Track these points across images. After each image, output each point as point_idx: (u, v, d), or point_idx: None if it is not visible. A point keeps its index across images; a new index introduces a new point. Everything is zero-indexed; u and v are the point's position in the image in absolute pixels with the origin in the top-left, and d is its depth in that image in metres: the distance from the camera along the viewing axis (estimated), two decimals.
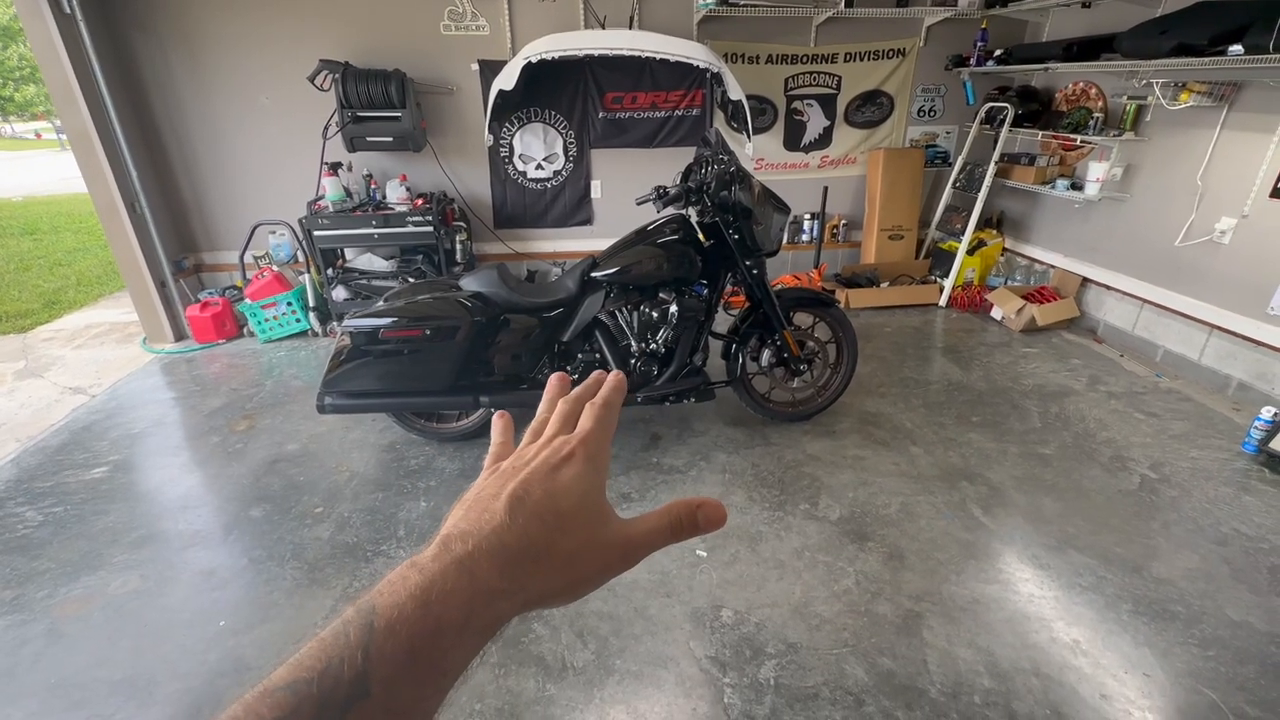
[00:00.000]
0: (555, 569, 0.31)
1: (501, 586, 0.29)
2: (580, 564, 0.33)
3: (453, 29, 4.03)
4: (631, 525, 0.35)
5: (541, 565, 0.31)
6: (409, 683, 0.26)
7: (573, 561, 0.32)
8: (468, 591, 0.28)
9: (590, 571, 0.33)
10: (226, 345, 4.10)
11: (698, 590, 2.06)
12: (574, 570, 0.32)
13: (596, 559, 0.33)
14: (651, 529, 0.35)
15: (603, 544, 0.34)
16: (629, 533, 0.35)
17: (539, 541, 0.31)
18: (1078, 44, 3.57)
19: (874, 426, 3.02)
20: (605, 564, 0.33)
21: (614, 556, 0.34)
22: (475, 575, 0.29)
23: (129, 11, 3.72)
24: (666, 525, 0.35)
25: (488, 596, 0.29)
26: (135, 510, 2.50)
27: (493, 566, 0.29)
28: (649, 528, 0.35)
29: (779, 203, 2.64)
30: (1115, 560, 2.15)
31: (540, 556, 0.31)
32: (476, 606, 0.28)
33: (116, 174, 3.69)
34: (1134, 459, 2.72)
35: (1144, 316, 3.70)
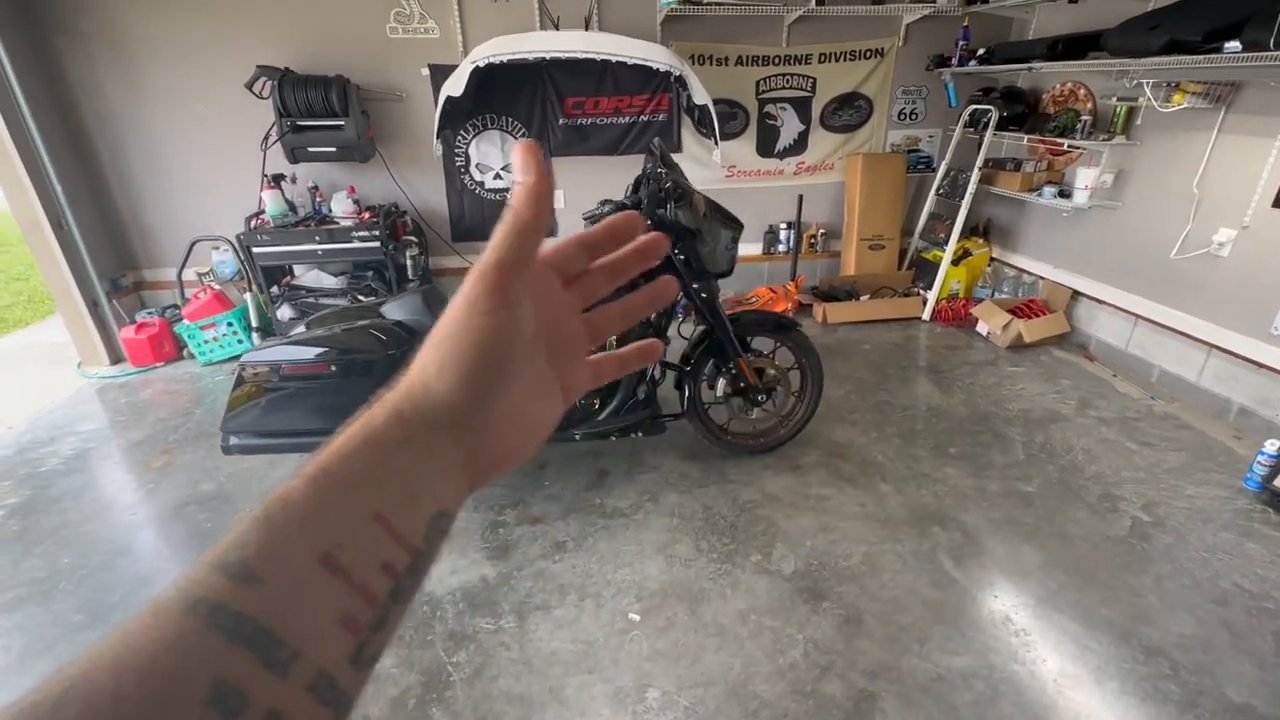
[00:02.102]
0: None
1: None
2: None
3: (400, 32, 3.80)
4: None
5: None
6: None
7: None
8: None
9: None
10: (164, 369, 3.87)
11: (624, 664, 1.82)
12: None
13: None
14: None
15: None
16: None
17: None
18: (1063, 42, 3.33)
19: (842, 460, 2.77)
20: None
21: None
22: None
23: (50, 13, 3.50)
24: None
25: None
26: (18, 565, 2.26)
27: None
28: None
29: (728, 219, 2.40)
30: (1101, 624, 1.90)
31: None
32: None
33: (38, 189, 3.46)
34: (1125, 498, 2.47)
35: (1138, 333, 3.45)
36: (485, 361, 0.28)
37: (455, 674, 1.79)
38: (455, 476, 0.29)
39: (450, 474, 0.28)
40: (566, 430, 2.48)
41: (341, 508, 0.24)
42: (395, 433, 0.27)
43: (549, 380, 0.32)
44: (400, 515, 0.25)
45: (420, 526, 0.26)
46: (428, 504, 0.27)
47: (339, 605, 0.23)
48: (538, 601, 2.04)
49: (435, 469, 0.28)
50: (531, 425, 0.32)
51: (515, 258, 0.28)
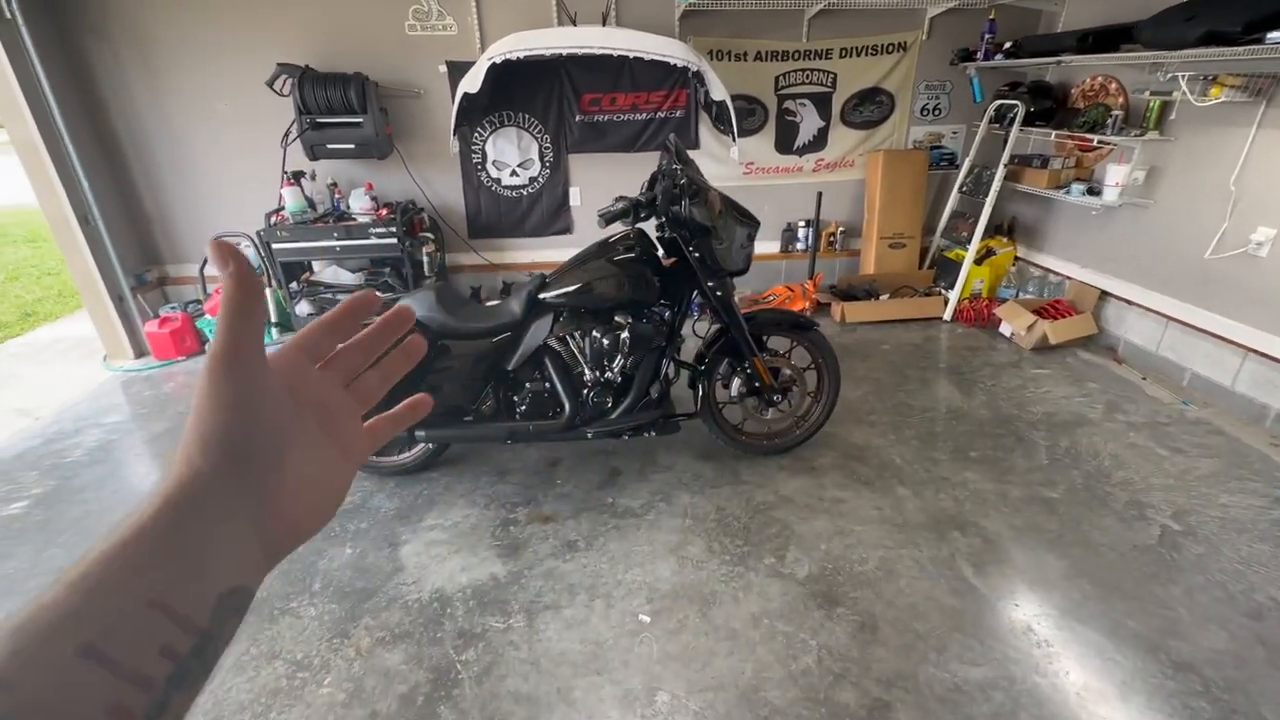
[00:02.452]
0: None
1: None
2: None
3: (418, 29, 3.81)
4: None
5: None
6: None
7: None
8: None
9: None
10: (186, 362, 3.93)
11: (634, 666, 1.79)
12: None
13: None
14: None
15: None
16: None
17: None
18: (1094, 34, 3.22)
19: (859, 462, 2.72)
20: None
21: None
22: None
23: (80, 16, 3.57)
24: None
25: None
26: (41, 554, 2.31)
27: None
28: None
29: (744, 216, 2.36)
30: (1128, 637, 1.84)
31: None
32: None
33: (66, 186, 3.53)
34: (1154, 505, 2.38)
35: (1169, 335, 3.33)
36: (241, 428, 0.30)
37: (464, 672, 1.78)
38: (247, 550, 0.29)
39: (239, 549, 0.29)
40: (580, 428, 2.46)
41: (108, 599, 0.23)
42: (168, 516, 0.27)
43: (326, 448, 0.34)
44: (181, 596, 0.25)
45: (207, 606, 0.26)
46: (215, 581, 0.27)
47: (105, 697, 0.22)
48: (547, 601, 2.02)
49: (220, 545, 0.28)
50: (321, 490, 0.34)
51: (236, 339, 0.30)
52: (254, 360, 0.31)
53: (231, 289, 0.31)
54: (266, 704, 1.72)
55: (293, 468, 0.32)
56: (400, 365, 0.40)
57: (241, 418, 0.30)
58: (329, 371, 0.37)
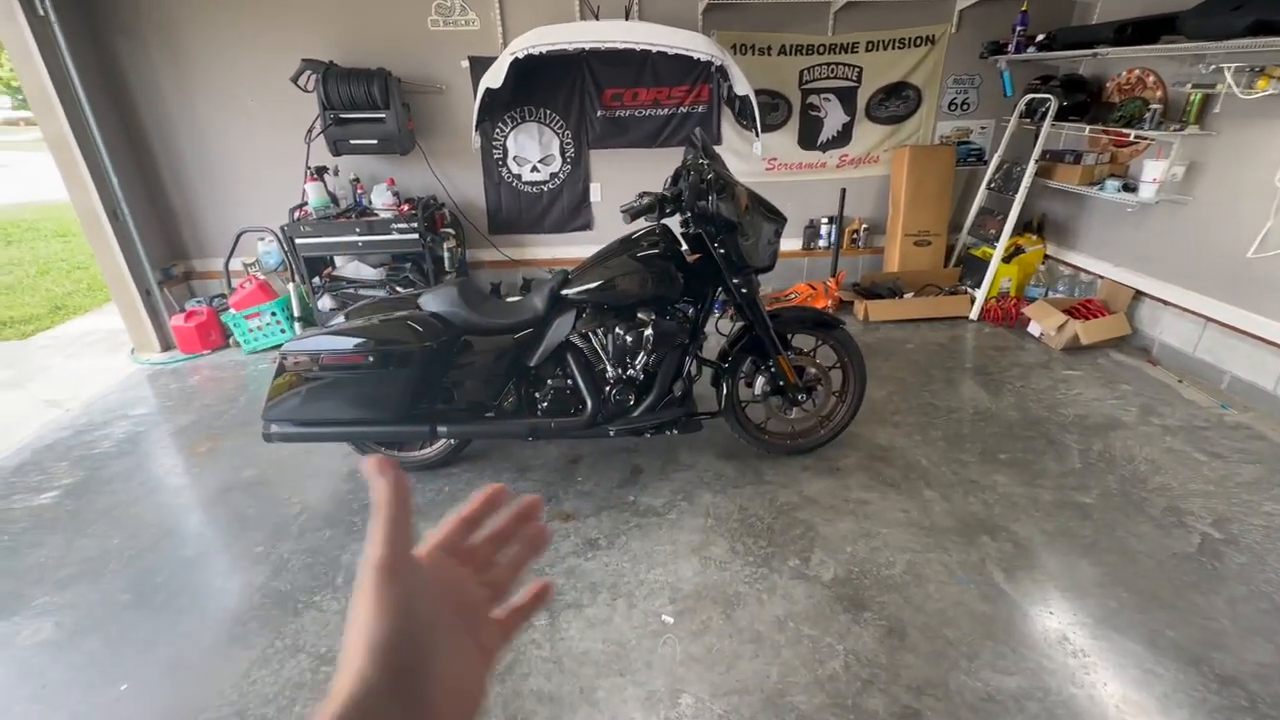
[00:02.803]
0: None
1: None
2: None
3: (441, 24, 3.81)
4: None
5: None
6: None
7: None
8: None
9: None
10: (211, 356, 3.98)
11: (657, 667, 1.77)
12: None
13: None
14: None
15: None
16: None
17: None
18: (1133, 25, 3.12)
19: (884, 463, 2.67)
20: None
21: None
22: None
23: (111, 14, 3.61)
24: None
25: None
26: (71, 544, 2.34)
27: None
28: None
29: (771, 212, 2.32)
30: (1167, 648, 1.78)
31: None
32: None
33: (96, 181, 3.58)
34: (1193, 512, 2.31)
35: (1208, 337, 3.23)
36: (405, 635, 0.30)
37: None
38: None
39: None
40: (602, 426, 2.44)
41: None
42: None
43: (469, 647, 0.35)
44: None
45: None
46: None
47: None
48: (569, 599, 2.01)
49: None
50: (466, 694, 0.33)
51: (394, 540, 0.32)
52: (411, 566, 0.32)
53: (387, 498, 0.32)
54: (291, 697, 1.72)
55: (444, 669, 0.32)
56: (528, 555, 0.41)
57: (406, 624, 0.31)
58: (465, 567, 0.37)
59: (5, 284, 6.03)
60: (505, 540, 0.40)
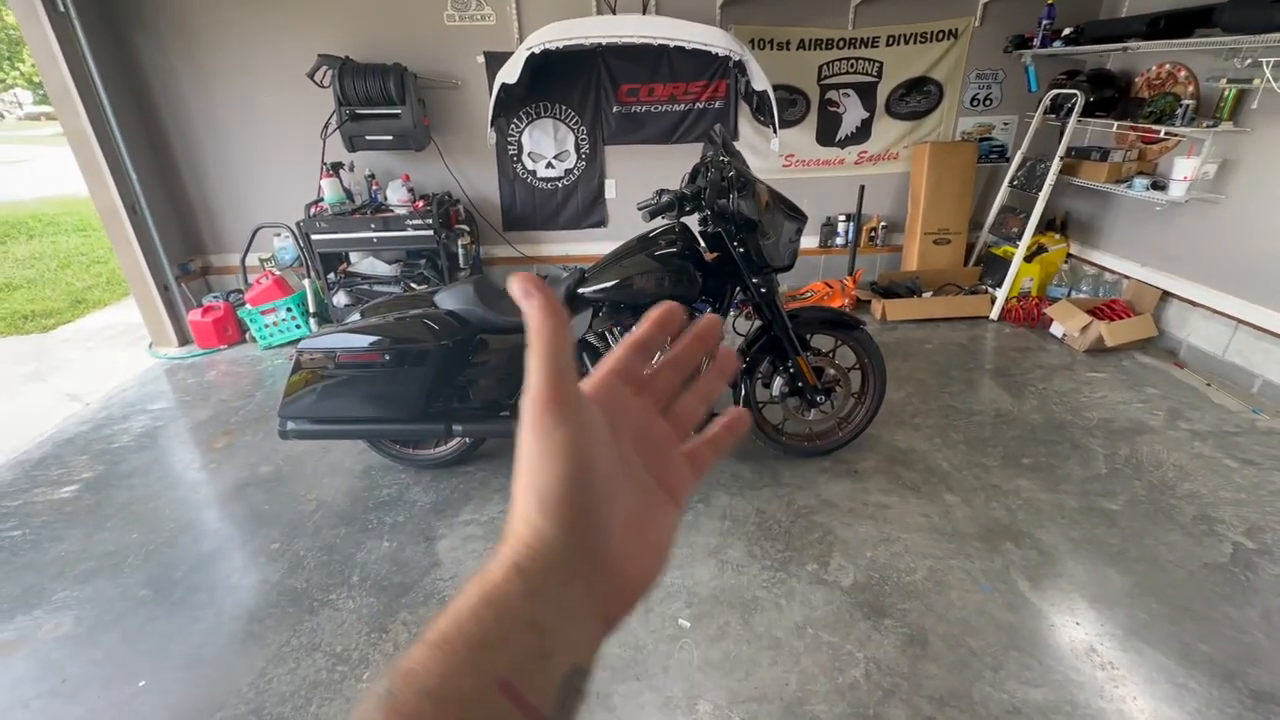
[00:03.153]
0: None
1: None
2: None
3: (456, 19, 3.79)
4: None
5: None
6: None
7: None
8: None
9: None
10: (228, 351, 4.01)
11: (674, 673, 1.75)
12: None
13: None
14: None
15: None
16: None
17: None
18: (1165, 18, 3.04)
19: (904, 466, 2.62)
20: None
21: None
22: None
23: (129, 9, 3.63)
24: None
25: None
26: (91, 538, 2.36)
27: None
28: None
29: (791, 210, 2.28)
30: (1199, 661, 1.73)
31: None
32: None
33: (115, 176, 3.61)
34: (1224, 521, 2.25)
35: (1239, 339, 3.15)
36: (578, 482, 0.27)
37: None
38: (589, 623, 0.27)
39: (583, 621, 0.27)
40: None
41: (465, 677, 0.23)
42: (516, 586, 0.25)
43: (653, 488, 0.31)
44: (529, 679, 0.24)
45: (552, 689, 0.24)
46: (560, 661, 0.25)
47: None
48: None
49: (566, 619, 0.26)
50: (653, 538, 0.30)
51: (555, 372, 0.27)
52: (577, 399, 0.28)
53: (540, 322, 0.27)
54: (307, 696, 1.72)
55: (624, 516, 0.29)
56: (717, 383, 0.36)
57: (577, 468, 0.27)
58: (645, 398, 0.33)
59: (27, 278, 6.11)
60: (686, 366, 0.35)
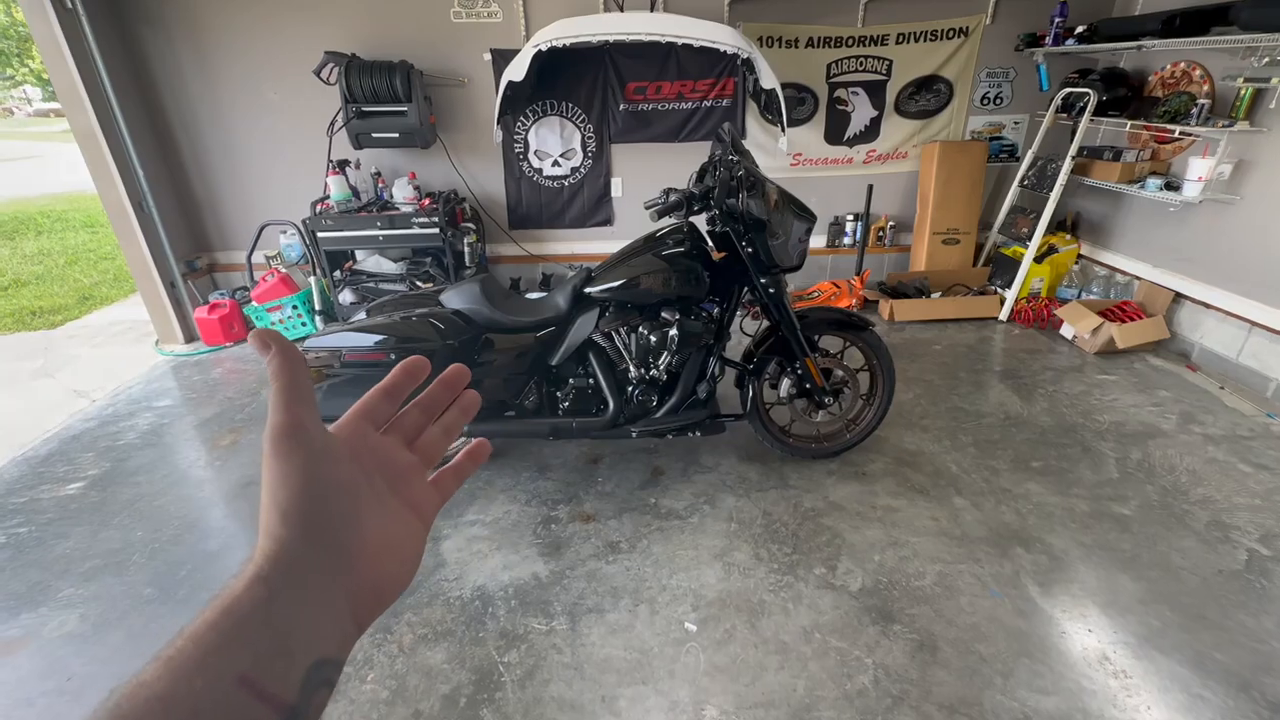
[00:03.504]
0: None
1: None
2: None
3: (463, 16, 3.77)
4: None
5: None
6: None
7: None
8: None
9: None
10: (233, 348, 4.00)
11: (680, 677, 1.73)
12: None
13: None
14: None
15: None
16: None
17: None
18: (1181, 16, 2.99)
19: (912, 469, 2.60)
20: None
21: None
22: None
23: (137, 6, 3.62)
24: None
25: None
26: (96, 535, 2.36)
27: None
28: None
29: (801, 210, 2.26)
30: (1215, 671, 1.70)
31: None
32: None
33: (122, 173, 3.61)
34: (1239, 527, 2.21)
35: (1253, 342, 3.10)
36: (313, 496, 0.31)
37: (506, 675, 1.75)
38: (337, 620, 0.30)
39: (329, 620, 0.29)
40: (623, 426, 2.40)
41: (199, 677, 0.24)
42: (258, 593, 0.27)
43: (398, 508, 0.35)
44: (269, 672, 0.26)
45: (295, 680, 0.26)
46: (304, 655, 0.27)
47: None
48: (590, 604, 1.98)
49: (310, 618, 0.28)
50: (399, 550, 0.34)
51: (293, 404, 0.32)
52: (314, 429, 0.32)
53: (279, 367, 0.32)
54: None
55: (369, 531, 0.33)
56: (460, 419, 0.41)
57: (314, 484, 0.31)
58: (390, 435, 0.38)
59: (35, 274, 6.14)
60: (432, 408, 0.40)
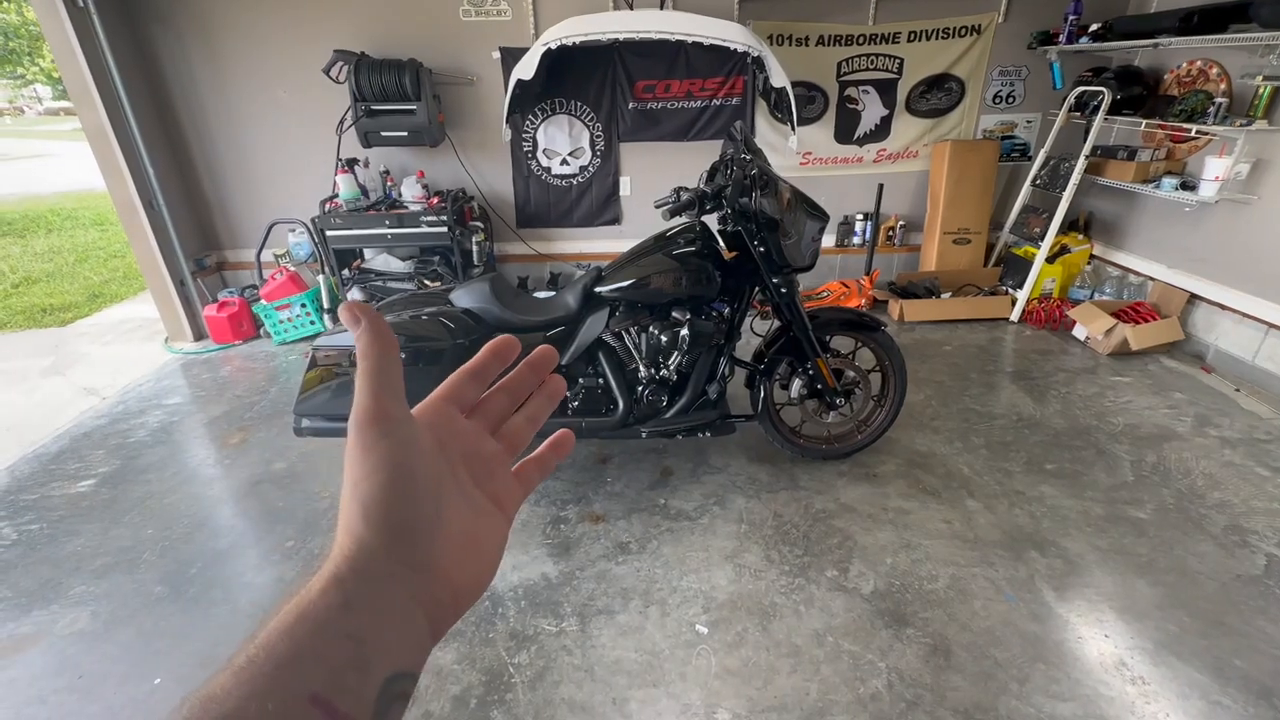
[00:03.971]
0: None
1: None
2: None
3: (473, 14, 3.76)
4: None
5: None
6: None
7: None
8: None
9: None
10: (242, 346, 4.01)
11: (691, 679, 1.72)
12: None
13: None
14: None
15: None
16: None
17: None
18: (1199, 14, 2.96)
19: (923, 471, 2.57)
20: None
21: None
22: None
23: (148, 4, 3.63)
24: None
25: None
26: (107, 533, 2.36)
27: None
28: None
29: (814, 209, 2.24)
30: (1235, 677, 1.67)
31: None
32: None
33: (133, 171, 3.62)
34: (1257, 531, 2.18)
35: (1269, 344, 3.07)
36: (399, 492, 0.29)
37: (517, 676, 1.74)
38: (414, 629, 0.28)
39: (407, 628, 0.27)
40: (633, 426, 2.39)
41: (270, 696, 0.22)
42: (334, 599, 0.25)
43: (482, 502, 0.33)
44: (343, 690, 0.24)
45: (370, 698, 0.25)
46: (380, 668, 0.25)
47: None
48: (600, 605, 1.97)
49: (388, 627, 0.27)
50: (481, 548, 0.32)
51: (379, 390, 0.30)
52: (402, 417, 0.30)
53: (368, 345, 0.30)
54: None
55: (452, 527, 0.31)
56: (545, 407, 0.39)
57: (400, 479, 0.29)
58: (476, 420, 0.36)
59: (46, 271, 6.17)
60: (518, 393, 0.38)
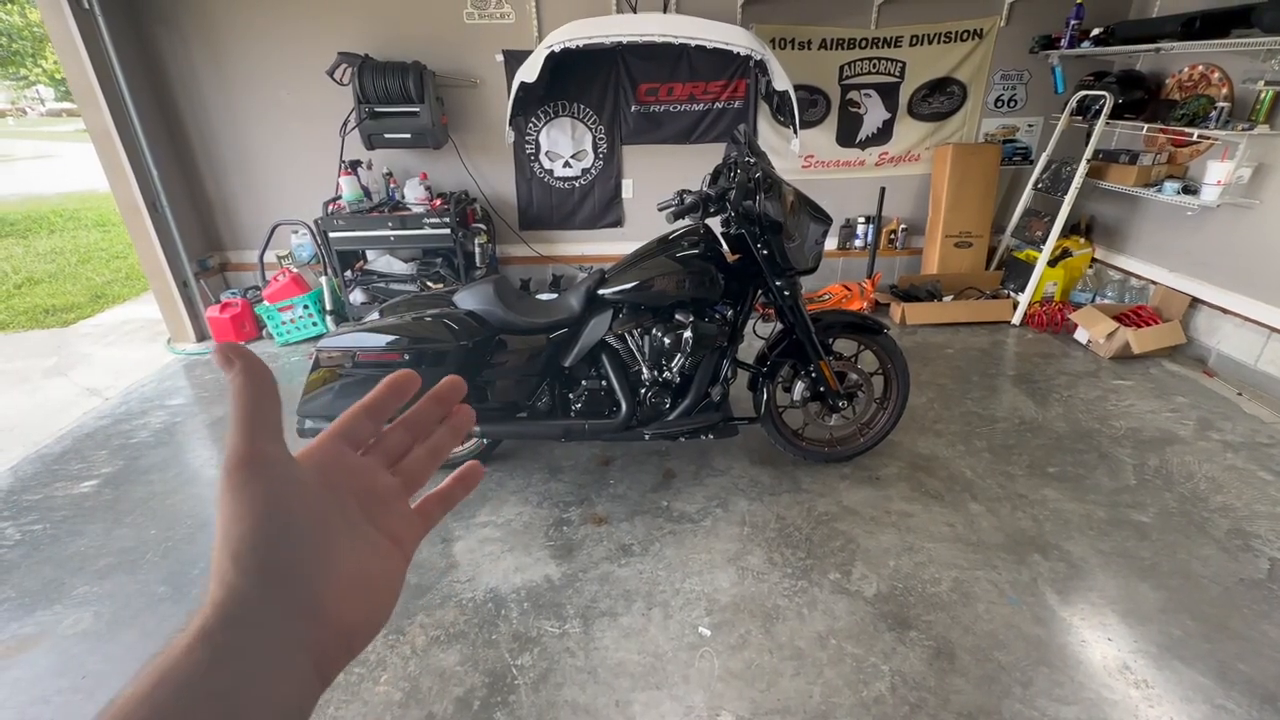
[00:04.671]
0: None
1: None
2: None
3: (476, 17, 3.78)
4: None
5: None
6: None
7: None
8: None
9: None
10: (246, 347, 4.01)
11: (694, 682, 1.72)
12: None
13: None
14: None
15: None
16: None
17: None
18: (1201, 18, 2.96)
19: (926, 474, 2.57)
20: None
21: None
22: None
23: (153, 6, 3.64)
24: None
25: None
26: (110, 534, 2.36)
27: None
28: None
29: (817, 212, 2.24)
30: (1238, 682, 1.67)
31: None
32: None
33: (137, 172, 3.63)
34: (1260, 535, 2.18)
35: (1271, 348, 3.07)
36: (271, 535, 0.27)
37: (520, 678, 1.74)
38: (294, 676, 0.26)
39: (287, 675, 0.26)
40: (636, 429, 2.39)
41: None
42: (200, 654, 0.24)
43: (376, 539, 0.32)
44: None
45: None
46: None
47: None
48: (603, 607, 1.97)
49: (263, 678, 0.25)
50: (375, 587, 0.31)
51: (249, 431, 0.28)
52: (278, 457, 0.29)
53: (241, 387, 0.29)
54: (325, 698, 1.70)
55: (342, 567, 0.29)
56: (450, 439, 0.38)
57: (275, 520, 0.28)
58: (372, 456, 0.34)
59: (49, 272, 6.18)
60: (419, 426, 0.37)
